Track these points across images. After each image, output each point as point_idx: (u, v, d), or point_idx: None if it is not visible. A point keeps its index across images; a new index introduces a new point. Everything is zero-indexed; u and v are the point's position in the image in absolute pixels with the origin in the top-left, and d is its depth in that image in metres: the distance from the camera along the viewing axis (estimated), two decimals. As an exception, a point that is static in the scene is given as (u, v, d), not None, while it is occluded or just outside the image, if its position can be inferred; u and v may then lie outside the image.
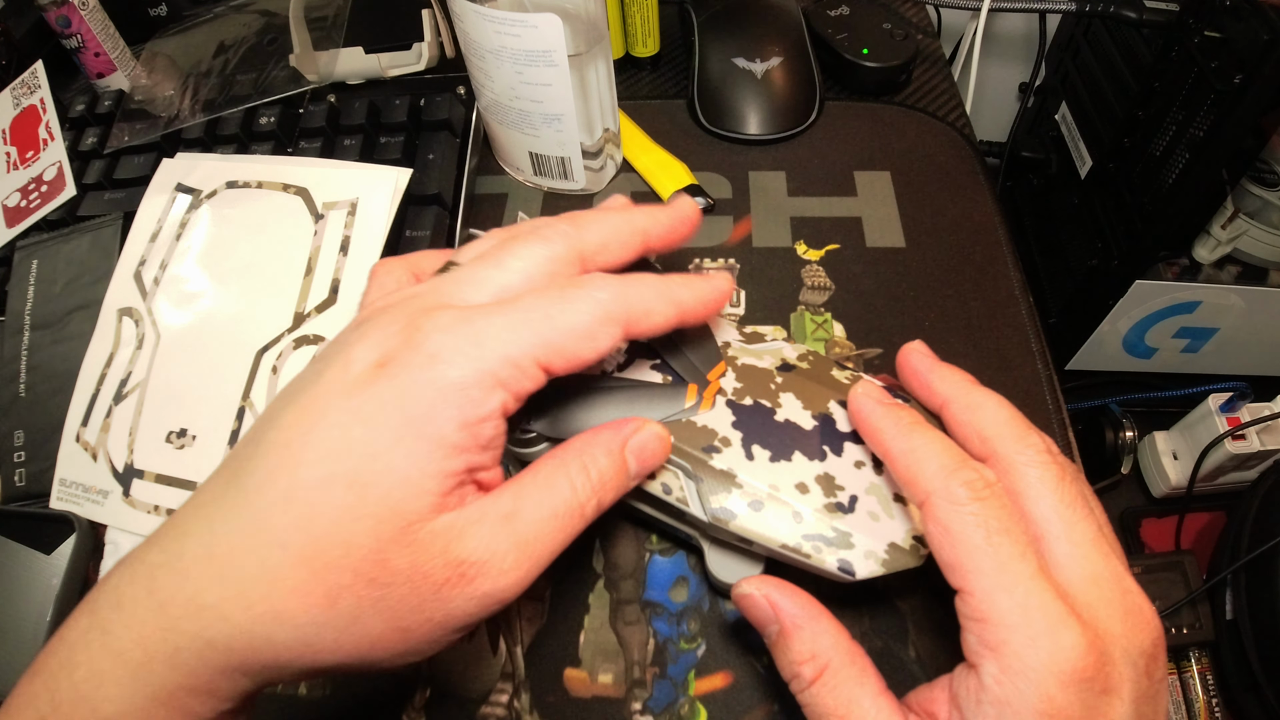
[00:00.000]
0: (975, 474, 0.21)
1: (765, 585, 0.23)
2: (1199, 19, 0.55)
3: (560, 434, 0.24)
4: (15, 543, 0.31)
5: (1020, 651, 0.19)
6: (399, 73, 0.46)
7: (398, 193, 0.34)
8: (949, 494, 0.21)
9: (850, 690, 0.21)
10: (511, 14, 0.33)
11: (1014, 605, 0.19)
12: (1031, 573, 0.19)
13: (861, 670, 0.21)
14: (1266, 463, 0.69)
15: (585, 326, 0.21)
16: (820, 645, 0.22)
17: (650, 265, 0.28)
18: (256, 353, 0.33)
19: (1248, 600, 0.61)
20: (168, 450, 0.32)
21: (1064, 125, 0.79)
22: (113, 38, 0.48)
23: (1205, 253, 0.68)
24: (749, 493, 0.24)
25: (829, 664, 0.21)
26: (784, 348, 0.28)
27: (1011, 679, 0.19)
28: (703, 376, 0.27)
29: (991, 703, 0.19)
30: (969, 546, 0.20)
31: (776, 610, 0.23)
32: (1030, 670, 0.19)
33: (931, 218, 0.40)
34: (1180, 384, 0.71)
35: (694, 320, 0.24)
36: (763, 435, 0.25)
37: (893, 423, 0.23)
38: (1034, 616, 0.19)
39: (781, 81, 0.44)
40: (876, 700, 0.21)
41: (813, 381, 0.27)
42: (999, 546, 0.20)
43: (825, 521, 0.24)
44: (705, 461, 0.25)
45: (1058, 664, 0.18)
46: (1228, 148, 0.55)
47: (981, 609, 0.19)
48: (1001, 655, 0.19)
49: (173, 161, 0.38)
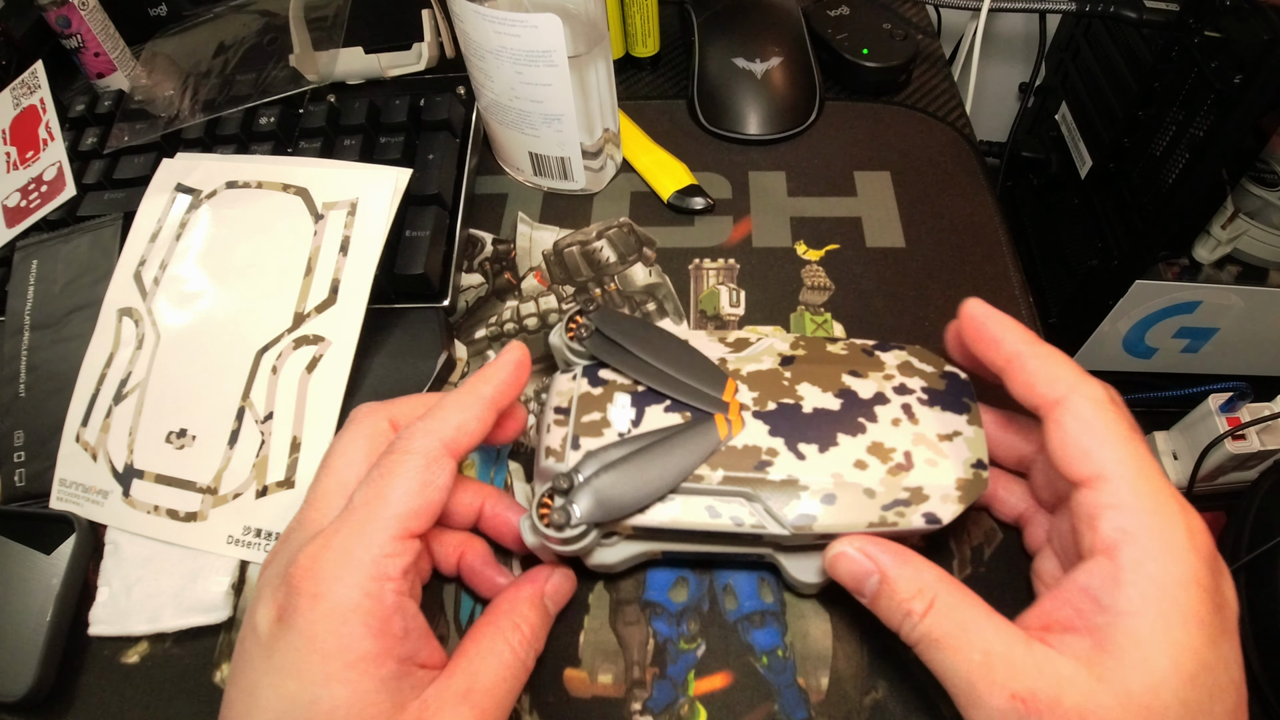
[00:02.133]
0: (1106, 386, 0.23)
1: (857, 541, 0.24)
2: (1199, 19, 0.55)
3: (616, 514, 0.24)
4: (15, 543, 0.31)
5: (1162, 533, 0.20)
6: (399, 73, 0.46)
7: (398, 193, 0.34)
8: (1091, 393, 0.22)
9: (963, 613, 0.22)
10: (511, 14, 0.33)
11: (1152, 491, 0.21)
12: (1159, 470, 0.21)
13: (970, 596, 0.22)
14: (1266, 463, 0.69)
15: (419, 484, 0.23)
16: (925, 580, 0.23)
17: (644, 255, 0.28)
18: (256, 353, 0.33)
19: (1248, 600, 0.61)
20: (168, 450, 0.32)
21: (1064, 125, 0.79)
22: (113, 38, 0.48)
23: (1205, 253, 0.68)
24: (816, 491, 0.25)
25: (937, 595, 0.22)
26: (774, 343, 0.29)
27: (1155, 558, 0.20)
28: (719, 400, 0.27)
29: (1134, 583, 0.20)
30: (1113, 439, 0.22)
31: (875, 560, 0.23)
32: (1175, 548, 0.20)
33: (931, 218, 0.40)
34: (1180, 384, 0.71)
35: (510, 398, 0.26)
36: (802, 432, 0.26)
37: (1017, 328, 0.25)
38: (1169, 502, 0.21)
39: (781, 81, 0.44)
40: (990, 618, 0.22)
41: (817, 364, 0.28)
42: (1136, 443, 0.22)
43: (895, 486, 0.25)
44: (763, 479, 0.25)
45: (1195, 542, 0.20)
46: (1228, 148, 0.55)
47: (1121, 495, 0.21)
48: (1141, 538, 0.20)
49: (173, 161, 0.38)
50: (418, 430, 0.24)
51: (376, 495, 0.23)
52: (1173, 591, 0.20)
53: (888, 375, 0.28)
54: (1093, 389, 0.23)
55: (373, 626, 0.21)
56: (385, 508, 0.22)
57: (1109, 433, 0.22)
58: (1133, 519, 0.20)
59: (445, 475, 0.24)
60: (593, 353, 0.28)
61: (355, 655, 0.21)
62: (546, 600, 0.26)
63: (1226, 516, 0.70)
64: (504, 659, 0.23)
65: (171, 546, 0.31)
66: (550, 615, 0.26)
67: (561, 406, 0.27)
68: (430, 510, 0.23)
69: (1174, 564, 0.20)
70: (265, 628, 0.22)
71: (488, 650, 0.23)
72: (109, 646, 0.29)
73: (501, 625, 0.24)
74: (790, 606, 0.29)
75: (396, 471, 0.23)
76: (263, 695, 0.21)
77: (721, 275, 0.38)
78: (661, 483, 0.25)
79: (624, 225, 0.41)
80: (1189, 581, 0.20)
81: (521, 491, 0.32)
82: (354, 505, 0.23)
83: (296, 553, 0.22)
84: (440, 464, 0.23)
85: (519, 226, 0.41)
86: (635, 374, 0.27)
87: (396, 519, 0.22)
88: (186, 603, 0.29)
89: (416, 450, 0.23)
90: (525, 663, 0.24)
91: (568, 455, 0.26)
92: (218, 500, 0.31)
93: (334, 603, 0.21)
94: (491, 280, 0.39)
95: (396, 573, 0.22)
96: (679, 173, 0.41)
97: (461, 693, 0.22)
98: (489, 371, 0.26)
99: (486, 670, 0.23)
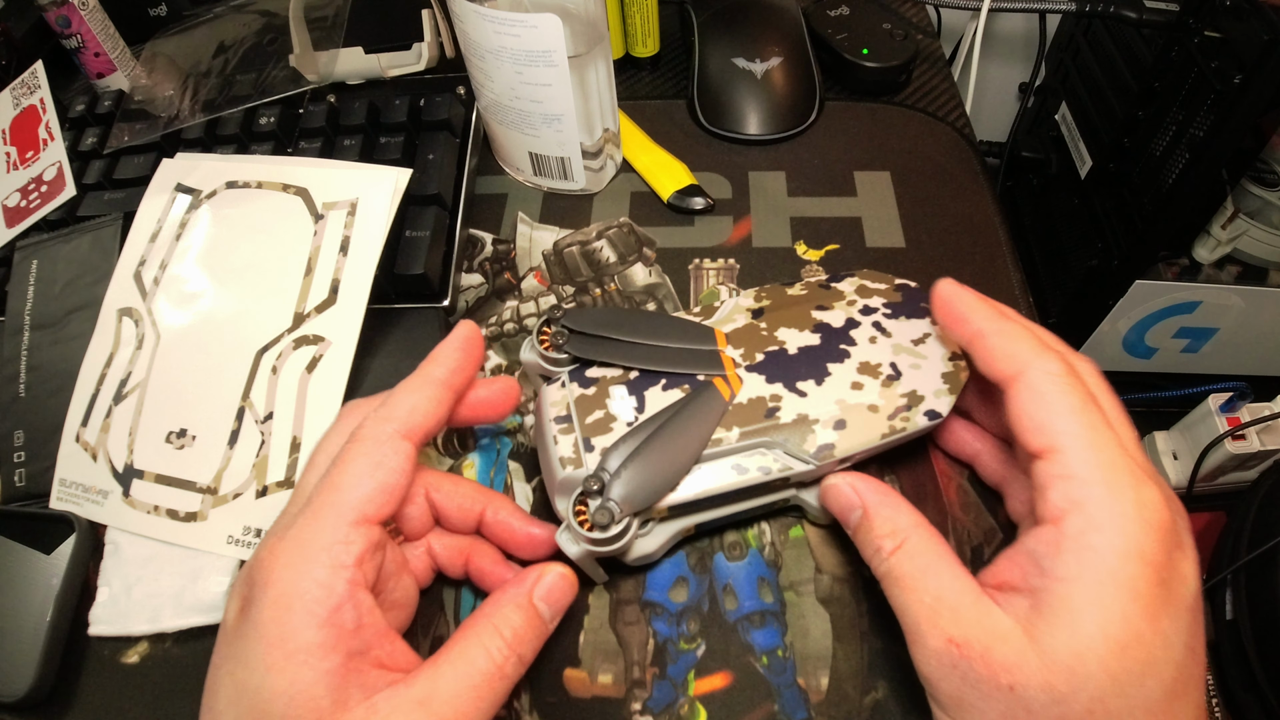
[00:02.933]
0: (1064, 358, 0.23)
1: (849, 476, 0.25)
2: (1199, 19, 0.55)
3: (653, 499, 0.25)
4: (15, 543, 0.31)
5: (1108, 504, 0.20)
6: (399, 73, 0.46)
7: (397, 193, 0.34)
8: (1045, 366, 0.22)
9: (928, 558, 0.23)
10: (511, 14, 0.33)
11: (1102, 462, 0.21)
12: (1115, 441, 0.21)
13: (940, 544, 0.23)
14: (1266, 463, 0.69)
15: (369, 466, 0.23)
16: (900, 522, 0.24)
17: (643, 252, 0.29)
18: (256, 353, 0.33)
19: (1248, 600, 0.61)
20: (168, 450, 0.32)
21: (1064, 125, 0.79)
22: (113, 38, 0.48)
23: (1205, 253, 0.68)
24: (827, 421, 0.26)
25: (908, 537, 0.23)
26: (737, 301, 0.30)
27: (1098, 528, 0.20)
28: (715, 353, 0.28)
29: (1073, 550, 0.20)
30: (1063, 410, 0.22)
31: (860, 495, 0.25)
32: (1118, 519, 0.20)
33: (931, 218, 0.40)
34: (1180, 384, 0.71)
35: (465, 377, 0.26)
36: (795, 372, 0.27)
37: (980, 304, 0.25)
38: (1121, 474, 0.21)
39: (781, 81, 0.44)
40: (953, 568, 0.22)
41: (785, 308, 0.29)
42: (1090, 414, 0.22)
43: (893, 395, 0.27)
44: (776, 424, 0.26)
45: (1144, 515, 0.20)
46: (1228, 148, 0.55)
47: (1071, 466, 0.21)
48: (1087, 508, 0.20)
49: (173, 161, 0.38)
50: (369, 419, 0.24)
51: (328, 484, 0.23)
52: (1111, 561, 0.20)
53: (850, 301, 0.30)
54: (1048, 362, 0.23)
55: (318, 615, 0.21)
56: (336, 494, 0.22)
57: (1061, 404, 0.22)
58: (1080, 489, 0.21)
59: (398, 457, 0.23)
60: (576, 354, 0.28)
61: (295, 645, 0.20)
62: (537, 602, 0.24)
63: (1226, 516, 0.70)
64: (476, 665, 0.22)
65: (171, 546, 0.31)
66: (542, 619, 0.24)
67: (561, 415, 0.27)
68: (385, 493, 0.23)
69: (1115, 535, 0.20)
70: (230, 620, 0.22)
71: (458, 655, 0.22)
72: (109, 646, 0.29)
73: (479, 629, 0.23)
74: (790, 607, 0.29)
75: (347, 459, 0.23)
76: (220, 682, 0.21)
77: (721, 275, 0.38)
78: (686, 456, 0.25)
79: (624, 225, 0.41)
80: (1130, 553, 0.20)
81: (522, 492, 0.32)
82: (310, 498, 0.23)
83: (258, 549, 0.22)
84: (390, 445, 0.23)
85: (519, 226, 0.41)
86: (626, 359, 0.28)
87: (348, 505, 0.22)
88: (186, 603, 0.29)
89: (367, 437, 0.23)
90: (502, 670, 0.22)
91: (585, 459, 0.26)
92: (218, 500, 0.31)
93: (281, 590, 0.21)
94: (491, 280, 0.39)
95: (350, 560, 0.21)
96: (679, 173, 0.41)
97: (418, 699, 0.21)
98: (439, 353, 0.26)
99: (453, 677, 0.21)
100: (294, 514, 0.23)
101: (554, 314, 0.29)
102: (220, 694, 0.21)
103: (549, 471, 0.27)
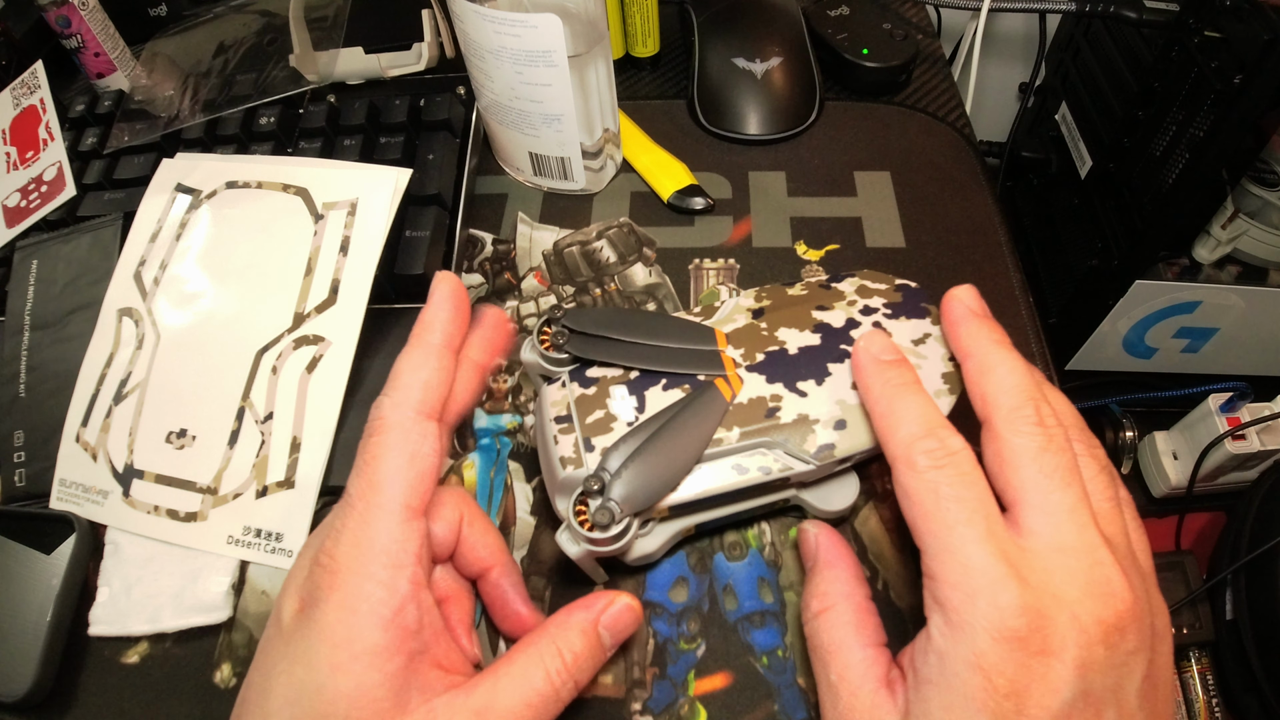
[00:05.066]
0: (937, 443, 0.22)
1: (818, 528, 0.26)
2: (1199, 19, 0.55)
3: (654, 499, 0.25)
4: (15, 543, 0.31)
5: (959, 607, 0.20)
6: (399, 73, 0.46)
7: (398, 193, 0.34)
8: (909, 460, 0.22)
9: (843, 633, 0.23)
10: (511, 14, 0.33)
11: (956, 564, 0.20)
12: (976, 537, 0.20)
13: (860, 621, 0.23)
14: (1266, 463, 0.69)
15: (406, 458, 0.22)
16: (833, 588, 0.24)
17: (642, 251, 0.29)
18: (256, 353, 0.33)
19: (1248, 600, 0.61)
20: (168, 450, 0.32)
21: (1064, 125, 0.79)
22: (113, 38, 0.48)
23: (1205, 253, 0.68)
24: (827, 421, 0.26)
25: (833, 606, 0.24)
26: (737, 302, 0.30)
27: (951, 632, 0.20)
28: (716, 353, 0.28)
29: (934, 653, 0.20)
30: (923, 509, 0.21)
31: (818, 549, 0.26)
32: (966, 625, 0.19)
33: (931, 218, 0.40)
34: (1180, 384, 0.71)
35: (459, 334, 0.25)
36: (795, 372, 0.27)
37: (880, 383, 0.25)
38: (974, 576, 0.20)
39: (781, 81, 0.44)
40: (864, 650, 0.22)
41: (785, 308, 0.29)
42: (948, 511, 0.21)
43: None
44: (776, 424, 0.26)
45: (991, 621, 0.19)
46: (1228, 148, 0.55)
47: (931, 566, 0.21)
48: (945, 610, 0.20)
49: (173, 161, 0.38)
50: (384, 406, 0.23)
51: (369, 485, 0.22)
52: (959, 671, 0.19)
53: (850, 301, 0.30)
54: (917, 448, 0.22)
55: (384, 617, 0.21)
56: (380, 494, 0.22)
57: (922, 505, 0.21)
58: (941, 591, 0.20)
59: (430, 440, 0.23)
60: (576, 354, 0.28)
61: (362, 647, 0.20)
62: (602, 630, 0.23)
63: (1226, 516, 0.70)
64: (534, 685, 0.22)
65: (171, 546, 0.31)
66: (603, 648, 0.24)
67: (561, 415, 0.27)
68: (425, 481, 0.23)
69: (962, 643, 0.19)
70: (288, 619, 0.22)
71: (519, 672, 0.22)
72: (109, 646, 0.29)
73: (542, 648, 0.22)
74: (790, 606, 0.29)
75: (380, 455, 0.22)
76: (275, 681, 0.21)
77: (721, 275, 0.38)
78: (688, 457, 0.25)
79: (624, 225, 0.41)
80: (973, 664, 0.19)
81: (522, 492, 0.32)
82: (351, 498, 0.22)
83: (315, 550, 0.22)
84: (418, 430, 0.23)
85: (519, 226, 0.41)
86: (627, 359, 0.28)
87: (396, 503, 0.22)
88: (186, 603, 0.29)
89: (392, 427, 0.23)
90: (558, 694, 0.22)
91: (585, 459, 0.26)
92: (218, 500, 0.31)
93: (347, 593, 0.21)
94: (491, 280, 0.39)
95: (410, 560, 0.21)
96: (679, 173, 0.41)
97: (476, 710, 0.21)
98: (429, 318, 0.25)
99: (511, 691, 0.21)
100: (339, 516, 0.22)
101: (554, 314, 0.29)
102: (275, 694, 0.21)
103: (549, 471, 0.27)
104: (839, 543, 0.26)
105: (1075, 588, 0.19)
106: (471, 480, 0.32)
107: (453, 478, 0.32)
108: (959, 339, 0.25)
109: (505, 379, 0.35)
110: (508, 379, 0.35)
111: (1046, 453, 0.21)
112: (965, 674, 0.19)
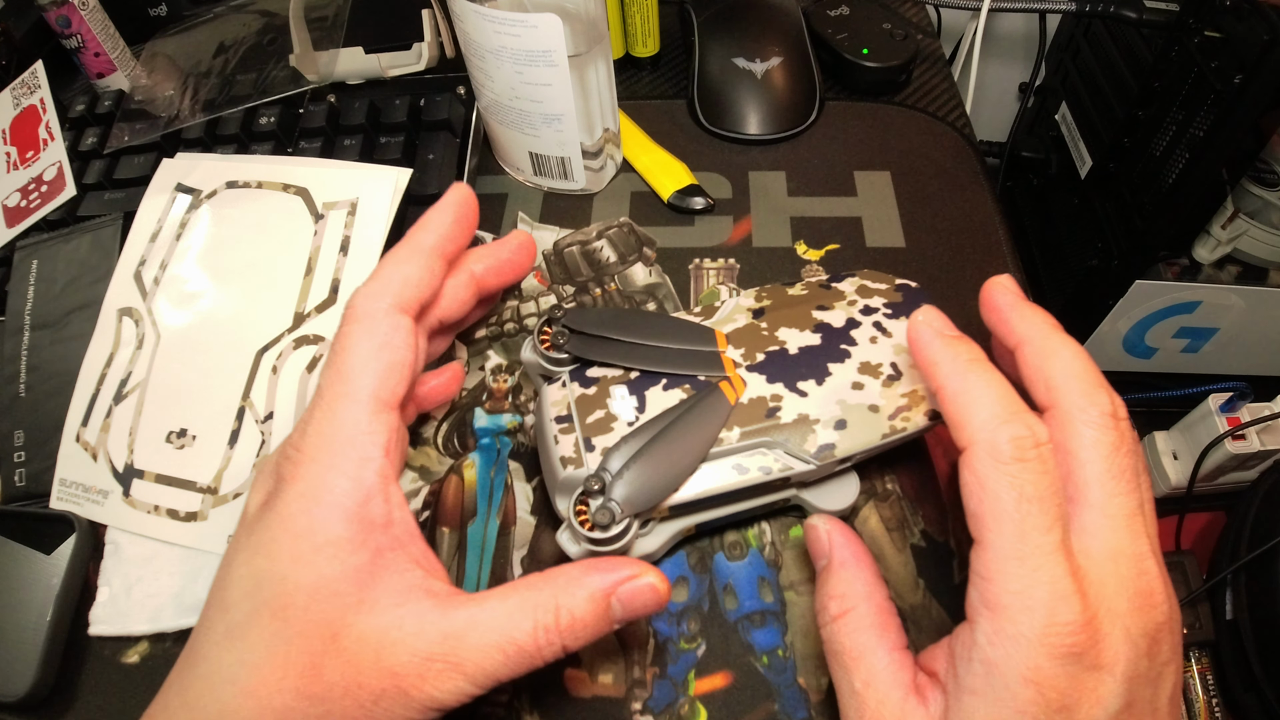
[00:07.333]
0: (1026, 430, 0.20)
1: (830, 523, 0.25)
2: (1199, 19, 0.55)
3: (655, 500, 0.25)
4: (15, 543, 0.31)
5: (1016, 617, 0.19)
6: (399, 73, 0.46)
7: (398, 193, 0.34)
8: (993, 447, 0.20)
9: (865, 637, 0.22)
10: (511, 14, 0.33)
11: (1023, 573, 0.19)
12: (1052, 546, 0.19)
13: (883, 624, 0.22)
14: (1266, 463, 0.69)
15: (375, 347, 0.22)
16: (852, 588, 0.23)
17: (643, 253, 0.29)
18: (256, 353, 0.33)
19: (1248, 600, 0.61)
20: (168, 450, 0.32)
21: (1064, 125, 0.79)
22: (113, 38, 0.48)
23: (1205, 253, 0.68)
24: (828, 421, 0.26)
25: (854, 608, 0.22)
26: (737, 302, 0.30)
27: (1003, 641, 0.19)
28: (715, 355, 0.28)
29: (981, 660, 0.19)
30: (998, 506, 0.19)
31: (831, 546, 0.24)
32: (1022, 636, 0.18)
33: (931, 218, 0.40)
34: (1180, 384, 0.71)
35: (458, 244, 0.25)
36: (796, 372, 0.27)
37: (950, 357, 0.22)
38: (1039, 588, 0.18)
39: (781, 81, 0.44)
40: (890, 654, 0.21)
41: (786, 308, 0.29)
42: (1026, 514, 0.19)
43: (893, 395, 0.27)
44: (777, 425, 0.26)
45: (1050, 636, 0.18)
46: (1228, 148, 0.55)
47: (991, 568, 0.19)
48: (998, 616, 0.19)
49: (173, 161, 0.38)
50: (359, 295, 0.23)
51: (337, 375, 0.22)
52: (1009, 681, 0.18)
53: (851, 301, 0.30)
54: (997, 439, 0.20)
55: (348, 509, 0.20)
56: (347, 384, 0.21)
57: (998, 501, 0.19)
58: (997, 595, 0.19)
59: (402, 333, 0.22)
60: (577, 354, 0.28)
61: (324, 538, 0.20)
62: (615, 602, 0.21)
63: (1226, 516, 0.70)
64: (515, 635, 0.20)
65: (171, 546, 0.31)
66: (610, 620, 0.22)
67: (562, 415, 0.27)
68: (396, 373, 0.22)
69: (1015, 653, 0.18)
70: (251, 511, 0.21)
71: (505, 614, 0.20)
72: (109, 646, 0.29)
73: (540, 598, 0.21)
74: (790, 606, 0.29)
75: (349, 344, 0.22)
76: (235, 571, 0.21)
77: (722, 275, 0.38)
78: (690, 459, 0.25)
79: (624, 225, 0.41)
80: (1027, 677, 0.18)
81: (522, 492, 0.32)
82: (320, 389, 0.22)
83: (282, 444, 0.22)
84: (390, 321, 0.22)
85: (519, 226, 0.41)
86: (628, 359, 0.28)
87: (364, 392, 0.21)
88: (187, 603, 0.29)
89: (363, 316, 0.22)
90: (541, 652, 0.21)
91: (585, 459, 0.26)
92: (218, 500, 0.31)
93: (310, 483, 0.20)
94: (491, 280, 0.39)
95: (377, 451, 0.21)
96: (679, 173, 0.41)
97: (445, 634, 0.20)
98: (429, 219, 0.25)
99: (488, 632, 0.20)
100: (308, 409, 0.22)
101: (554, 314, 0.29)
102: (234, 584, 0.20)
103: (550, 471, 0.27)
104: (853, 539, 0.24)
105: (1125, 599, 0.19)
106: (471, 480, 0.32)
107: (453, 475, 0.32)
108: (1010, 324, 0.23)
109: (505, 378, 0.35)
110: (508, 379, 0.35)
111: (1119, 452, 0.20)
112: (1017, 687, 0.18)
